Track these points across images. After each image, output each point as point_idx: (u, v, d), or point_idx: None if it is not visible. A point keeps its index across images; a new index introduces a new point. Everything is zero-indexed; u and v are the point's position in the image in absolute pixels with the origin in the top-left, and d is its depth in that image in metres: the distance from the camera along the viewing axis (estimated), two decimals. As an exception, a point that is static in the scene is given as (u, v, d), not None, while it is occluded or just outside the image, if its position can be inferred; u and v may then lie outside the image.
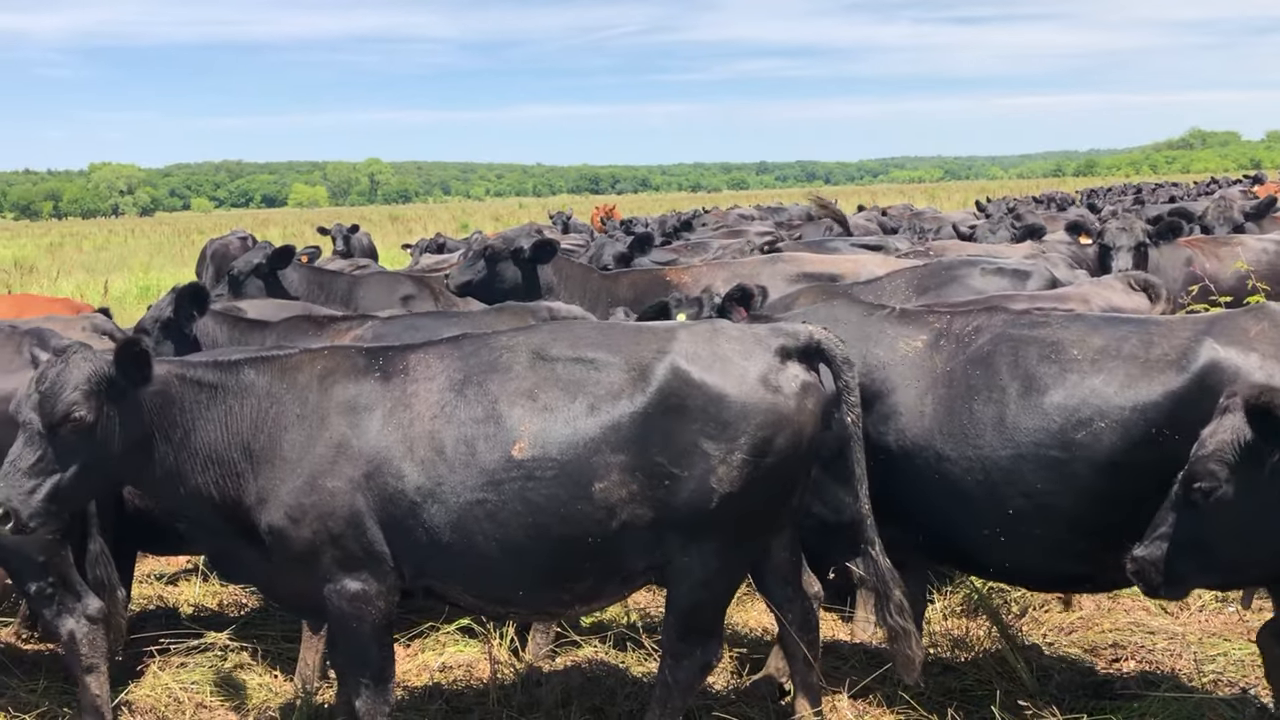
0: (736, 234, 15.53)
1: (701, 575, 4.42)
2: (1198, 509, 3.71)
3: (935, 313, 5.17)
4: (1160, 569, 3.83)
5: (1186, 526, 3.73)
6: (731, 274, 7.78)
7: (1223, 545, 3.76)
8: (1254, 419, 3.59)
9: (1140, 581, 3.95)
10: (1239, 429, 3.64)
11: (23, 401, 4.25)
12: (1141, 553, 3.89)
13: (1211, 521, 3.69)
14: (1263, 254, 10.50)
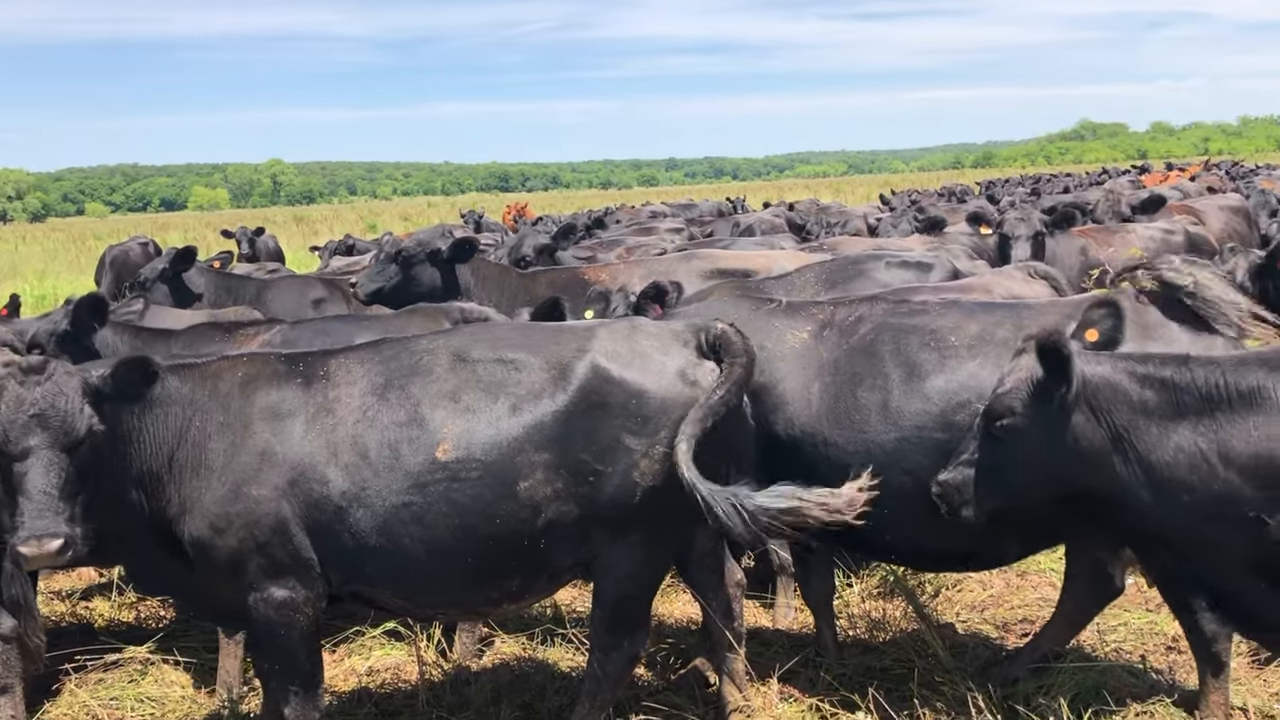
0: (648, 231, 15.67)
1: (628, 568, 4.51)
2: (997, 439, 4.08)
3: (819, 304, 5.37)
4: (963, 492, 4.19)
5: (987, 455, 4.11)
6: (648, 271, 7.89)
7: (1016, 471, 4.11)
8: (1044, 359, 3.89)
9: (944, 503, 4.27)
10: (1032, 369, 3.96)
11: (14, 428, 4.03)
12: (946, 477, 4.24)
13: (1009, 450, 4.05)
14: (1150, 241, 10.97)
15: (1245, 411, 3.79)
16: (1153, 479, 3.88)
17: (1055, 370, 3.93)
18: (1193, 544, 3.95)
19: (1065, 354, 3.89)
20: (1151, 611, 5.89)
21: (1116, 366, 3.98)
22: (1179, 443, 3.83)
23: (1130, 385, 3.92)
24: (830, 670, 5.39)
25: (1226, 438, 3.79)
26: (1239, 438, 3.78)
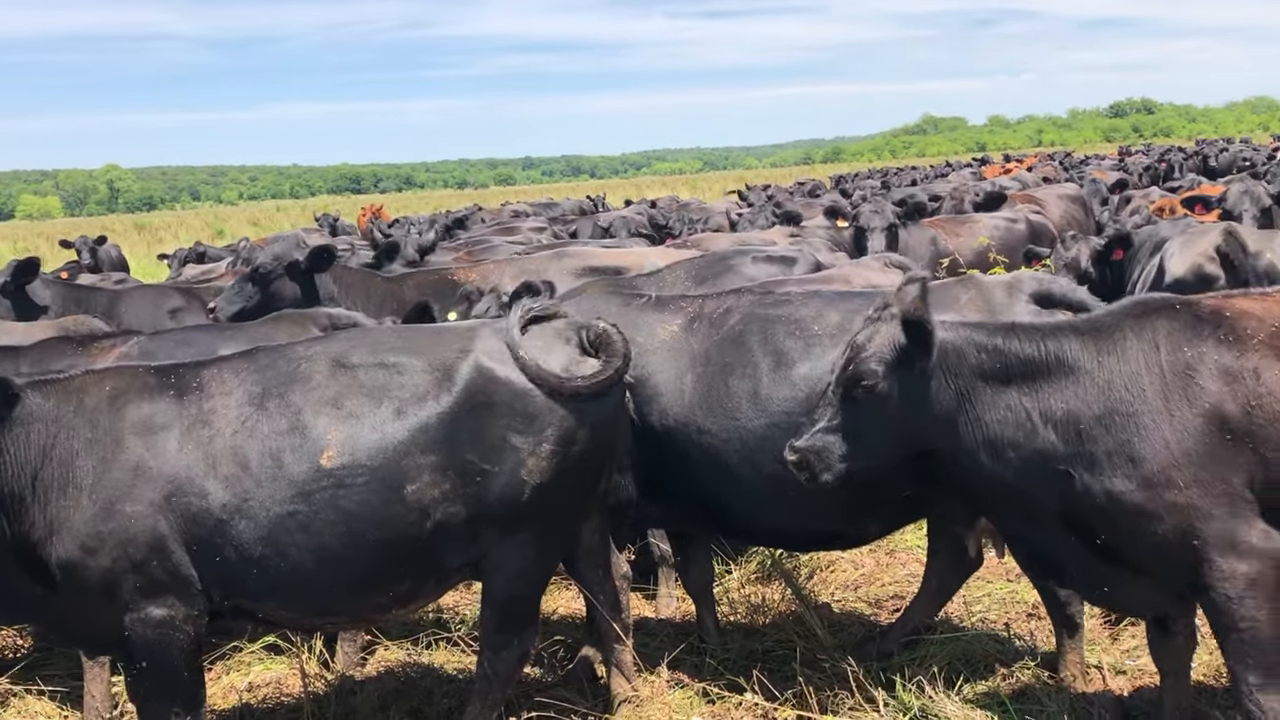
0: (511, 231, 15.63)
1: (517, 567, 4.55)
2: (855, 404, 4.19)
3: (689, 298, 5.54)
4: (822, 458, 4.22)
5: (846, 420, 4.21)
6: (519, 270, 7.91)
7: (876, 434, 4.23)
8: (908, 328, 4.09)
9: (803, 470, 4.26)
10: (893, 335, 4.14)
11: None
12: (804, 444, 4.24)
13: (868, 414, 4.19)
14: (996, 230, 11.56)
15: (1059, 374, 4.08)
16: (987, 437, 4.14)
17: (918, 339, 4.10)
18: (1022, 503, 4.21)
19: (928, 325, 4.09)
20: (1012, 581, 6.22)
21: (961, 333, 4.21)
22: (1008, 403, 4.10)
23: (971, 350, 4.16)
24: (715, 655, 5.53)
25: (1045, 398, 4.07)
26: (1055, 398, 4.07)
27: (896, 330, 4.15)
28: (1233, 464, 3.84)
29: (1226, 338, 3.95)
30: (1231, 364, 3.90)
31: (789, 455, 4.28)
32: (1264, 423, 3.82)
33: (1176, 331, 4.02)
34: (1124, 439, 3.93)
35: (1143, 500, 3.88)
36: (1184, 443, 3.86)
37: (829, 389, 4.29)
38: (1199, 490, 3.84)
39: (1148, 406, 3.93)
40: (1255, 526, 3.84)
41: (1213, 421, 3.85)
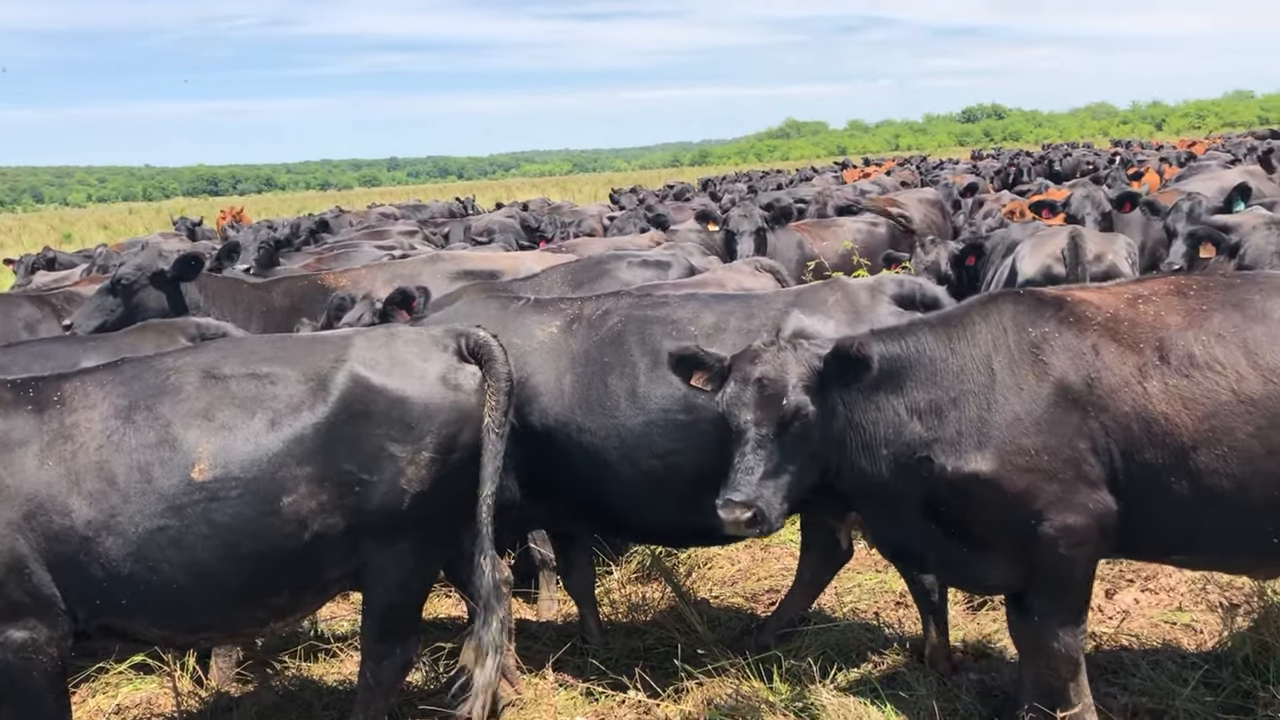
0: (380, 234, 15.40)
1: (398, 576, 4.53)
2: (784, 440, 4.21)
3: (568, 300, 5.64)
4: (772, 504, 4.17)
5: (779, 458, 4.21)
6: (392, 275, 7.83)
7: (805, 464, 4.31)
8: (838, 359, 4.25)
9: (759, 526, 4.16)
10: (808, 361, 4.27)
11: None
12: (749, 495, 4.13)
13: (797, 447, 4.25)
14: (859, 234, 11.95)
15: (920, 368, 4.32)
16: (864, 440, 4.34)
17: (861, 368, 4.24)
18: (890, 496, 4.43)
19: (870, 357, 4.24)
20: (881, 572, 6.47)
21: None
22: (879, 404, 4.33)
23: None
24: (598, 655, 5.60)
25: (910, 393, 4.31)
26: (918, 391, 4.31)
27: (808, 356, 4.27)
28: (1077, 431, 4.16)
29: (1068, 319, 4.30)
30: (1073, 342, 4.23)
31: (737, 514, 4.13)
32: (1102, 394, 4.16)
33: (1022, 315, 4.36)
34: (978, 415, 4.23)
35: (997, 468, 4.17)
36: (1033, 413, 4.18)
37: (748, 430, 4.21)
38: (1047, 455, 4.16)
39: (998, 383, 4.24)
40: (1092, 490, 4.17)
41: (1058, 392, 4.18)
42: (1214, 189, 11.41)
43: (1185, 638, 5.49)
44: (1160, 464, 4.13)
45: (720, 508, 4.17)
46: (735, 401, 4.29)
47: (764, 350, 4.34)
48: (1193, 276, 4.61)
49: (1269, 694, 4.65)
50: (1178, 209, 9.00)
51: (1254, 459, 4.07)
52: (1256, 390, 4.06)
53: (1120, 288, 4.55)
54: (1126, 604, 5.86)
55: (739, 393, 4.28)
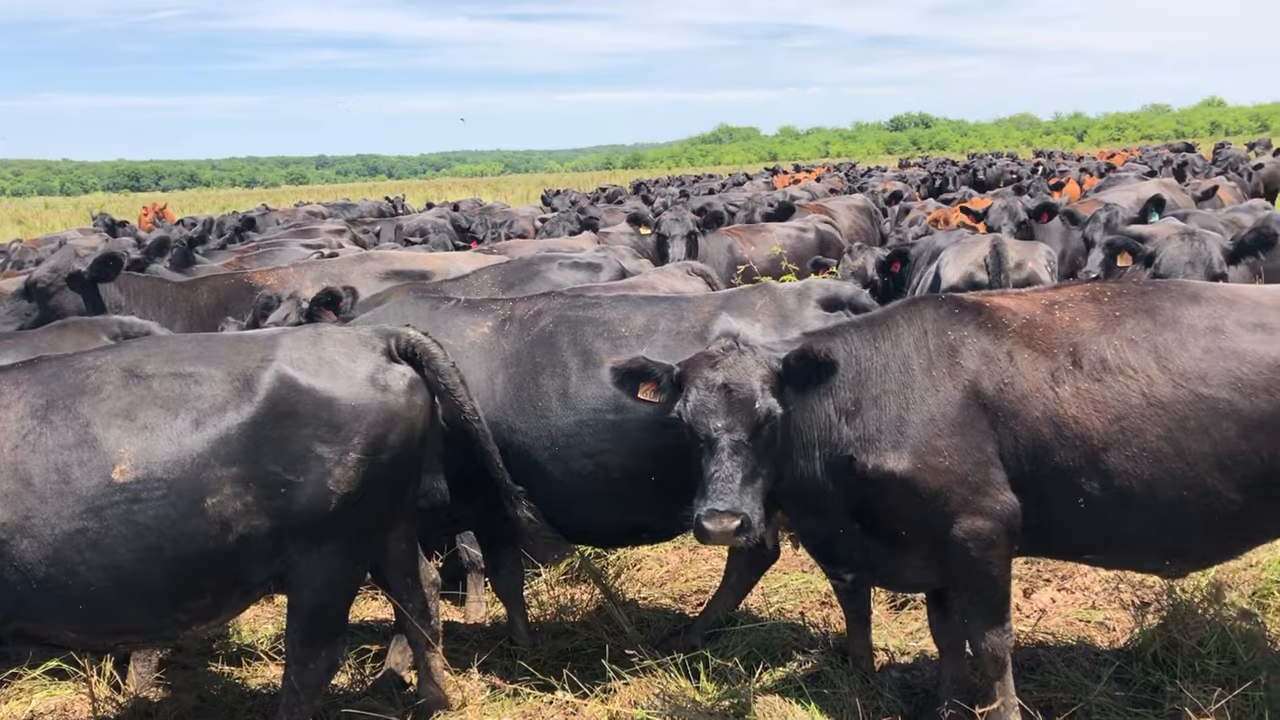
0: (308, 233, 15.20)
1: (324, 578, 4.49)
2: (754, 448, 4.18)
3: (499, 301, 5.66)
4: (755, 512, 4.12)
5: (753, 463, 4.18)
6: (320, 274, 7.74)
7: (769, 468, 4.30)
8: (802, 363, 4.27)
9: (746, 534, 4.07)
10: (768, 363, 4.28)
11: None
12: (734, 505, 4.06)
13: (765, 452, 4.25)
14: (788, 239, 12.09)
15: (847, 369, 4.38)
16: (803, 442, 4.42)
17: (826, 371, 4.26)
18: (818, 496, 4.50)
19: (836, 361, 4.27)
20: (807, 572, 6.56)
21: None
22: (812, 406, 4.41)
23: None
24: (526, 657, 5.60)
25: (839, 393, 4.39)
26: (846, 392, 4.40)
27: (766, 358, 4.28)
28: (987, 435, 4.27)
29: (986, 324, 4.42)
30: (989, 347, 4.35)
31: (725, 524, 4.03)
32: (1014, 400, 4.27)
33: (942, 318, 4.47)
34: (897, 414, 4.33)
35: (912, 467, 4.27)
36: (948, 414, 4.28)
37: (721, 437, 4.14)
38: (959, 456, 4.26)
39: (917, 384, 4.35)
40: (1000, 493, 4.29)
41: (971, 396, 4.29)
42: (1131, 199, 11.75)
43: (1099, 635, 5.65)
44: (1073, 466, 4.25)
45: (705, 519, 4.05)
46: (702, 409, 4.18)
47: (722, 355, 4.28)
48: (1107, 284, 4.74)
49: (1176, 689, 4.81)
50: (1096, 219, 9.26)
51: (1163, 460, 4.21)
52: (1166, 394, 4.21)
53: (1038, 294, 4.68)
54: (1043, 603, 6.02)
55: (705, 399, 4.19)
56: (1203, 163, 25.72)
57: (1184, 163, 23.61)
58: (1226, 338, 4.26)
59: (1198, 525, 4.32)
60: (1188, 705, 4.60)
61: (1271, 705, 4.71)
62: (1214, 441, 4.18)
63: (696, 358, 4.36)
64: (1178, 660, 5.11)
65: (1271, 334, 4.26)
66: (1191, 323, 4.31)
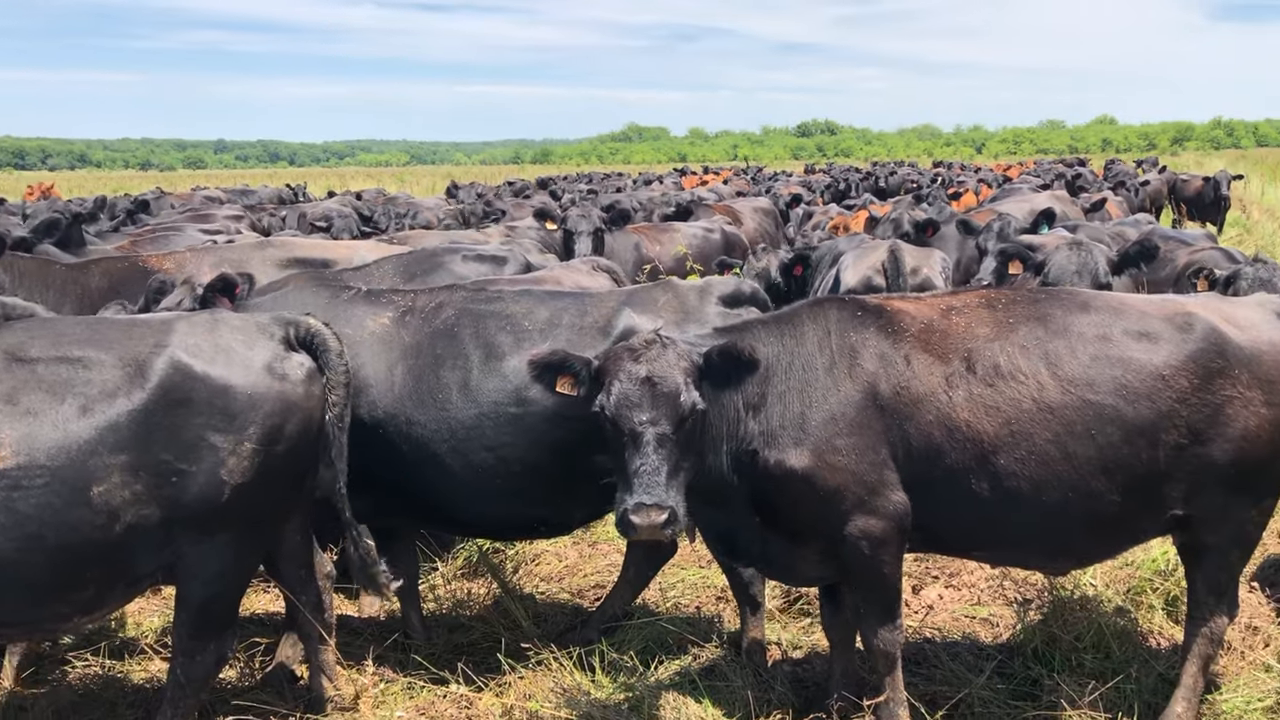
0: (204, 217, 14.82)
1: (215, 569, 4.40)
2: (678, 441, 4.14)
3: (401, 292, 5.60)
4: (680, 505, 4.09)
5: (676, 457, 4.15)
6: (219, 260, 7.55)
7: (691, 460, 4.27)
8: (724, 359, 4.29)
9: (672, 526, 4.04)
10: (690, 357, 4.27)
11: None
12: (661, 499, 4.03)
13: (688, 444, 4.22)
14: (693, 239, 12.19)
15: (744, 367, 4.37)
16: (712, 436, 4.44)
17: (747, 370, 4.29)
18: (720, 489, 4.56)
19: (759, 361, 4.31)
20: (704, 568, 6.64)
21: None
22: (722, 401, 4.44)
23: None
24: (420, 651, 5.57)
25: (746, 389, 4.43)
26: (752, 387, 4.44)
27: (687, 352, 4.28)
28: (883, 436, 4.38)
29: (886, 328, 4.53)
30: (888, 350, 4.46)
31: (653, 517, 3.99)
32: (910, 402, 4.39)
33: (845, 320, 4.58)
34: (800, 411, 4.42)
35: (812, 463, 4.36)
36: (847, 414, 4.39)
37: (645, 430, 4.09)
38: (856, 456, 4.37)
39: (819, 383, 4.44)
40: (893, 493, 4.40)
41: (869, 397, 4.40)
42: (1025, 210, 12.11)
43: (983, 630, 5.84)
44: (964, 467, 4.39)
45: (632, 512, 4.01)
46: (626, 402, 4.14)
47: (645, 348, 4.25)
48: (1002, 290, 4.90)
49: (1054, 682, 5.00)
50: (989, 228, 9.55)
51: (1050, 463, 4.37)
52: (1055, 399, 4.37)
53: (936, 299, 4.81)
54: (931, 599, 6.20)
55: (629, 393, 4.15)
56: (1094, 178, 26.69)
57: (1076, 177, 24.49)
58: (1114, 345, 4.44)
59: (1081, 526, 4.50)
60: (1064, 698, 4.79)
61: (1141, 697, 4.93)
62: (1099, 446, 4.35)
63: (617, 350, 4.33)
64: (1056, 654, 5.32)
65: (1155, 343, 4.45)
66: (1081, 330, 4.48)
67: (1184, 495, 4.48)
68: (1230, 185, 24.20)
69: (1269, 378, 4.48)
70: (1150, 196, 24.13)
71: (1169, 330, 4.49)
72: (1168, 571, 5.90)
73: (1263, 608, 5.88)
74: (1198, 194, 24.44)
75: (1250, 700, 4.85)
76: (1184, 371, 4.40)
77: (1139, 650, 5.33)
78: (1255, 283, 7.02)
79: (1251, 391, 4.44)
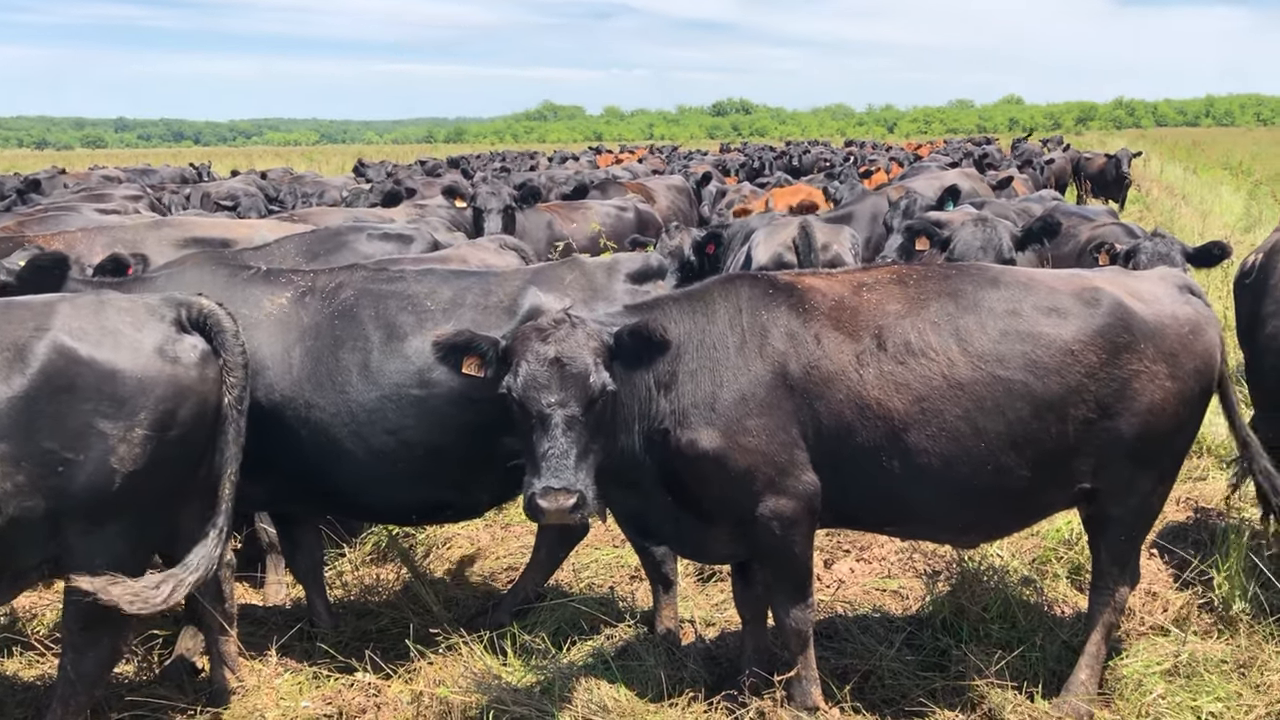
0: (100, 197, 14.27)
1: (106, 561, 4.21)
2: (587, 422, 4.07)
3: (300, 272, 5.43)
4: (590, 488, 4.02)
5: (585, 438, 4.07)
6: (111, 240, 7.26)
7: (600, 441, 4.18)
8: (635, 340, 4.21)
9: (581, 510, 3.96)
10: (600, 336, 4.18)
11: None
12: (569, 482, 3.95)
13: (596, 425, 4.13)
14: (607, 217, 12.12)
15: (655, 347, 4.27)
16: (624, 416, 4.36)
17: (658, 350, 4.22)
18: (633, 469, 4.50)
19: (670, 342, 4.23)
20: (618, 547, 6.60)
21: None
22: (634, 381, 4.37)
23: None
24: (327, 639, 5.44)
25: (657, 367, 4.37)
26: (664, 366, 4.37)
27: (597, 332, 4.18)
28: (793, 415, 4.37)
29: (796, 306, 4.51)
30: (798, 329, 4.44)
31: (561, 501, 3.91)
32: (819, 381, 4.38)
33: (756, 298, 4.54)
34: (711, 390, 4.37)
35: (723, 443, 4.32)
36: (757, 394, 4.35)
37: (554, 412, 4.00)
38: (766, 436, 4.34)
39: (730, 362, 4.40)
40: (803, 473, 4.39)
41: (779, 377, 4.37)
42: (934, 188, 12.27)
43: (893, 603, 5.90)
44: (875, 445, 4.39)
45: (539, 496, 3.92)
46: (534, 383, 4.04)
47: (553, 328, 4.15)
48: (914, 266, 4.90)
49: (961, 652, 5.07)
50: (895, 206, 9.62)
51: (961, 439, 4.40)
52: (965, 375, 4.39)
53: (848, 275, 4.80)
54: (843, 573, 6.25)
55: (537, 374, 4.05)
56: (1001, 156, 27.22)
57: (984, 155, 24.94)
58: (1023, 320, 4.47)
59: (992, 500, 4.55)
60: (971, 668, 4.85)
61: (1046, 665, 5.03)
62: (1008, 421, 4.39)
63: (525, 330, 4.21)
64: (964, 625, 5.39)
65: (1064, 318, 4.49)
66: (991, 306, 4.50)
67: (1092, 469, 4.55)
68: (1130, 163, 24.85)
69: (1172, 351, 4.56)
70: (1055, 174, 24.72)
71: (1077, 305, 4.54)
72: (1072, 541, 6.03)
73: (1162, 573, 6.04)
74: (1100, 171, 25.07)
75: (1149, 664, 4.97)
76: (1092, 346, 4.46)
77: (1044, 619, 5.43)
78: (1154, 257, 7.19)
79: (1157, 365, 4.52)
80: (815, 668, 4.70)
